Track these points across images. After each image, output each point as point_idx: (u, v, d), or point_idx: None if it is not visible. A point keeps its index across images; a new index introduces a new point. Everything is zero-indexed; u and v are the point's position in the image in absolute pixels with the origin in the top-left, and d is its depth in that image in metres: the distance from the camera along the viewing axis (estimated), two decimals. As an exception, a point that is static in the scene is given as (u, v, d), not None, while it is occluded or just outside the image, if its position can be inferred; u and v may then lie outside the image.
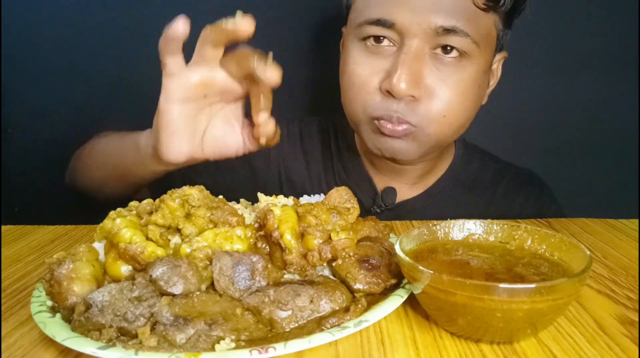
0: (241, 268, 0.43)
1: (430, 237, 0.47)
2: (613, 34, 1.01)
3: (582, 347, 0.39)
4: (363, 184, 0.81)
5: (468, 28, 0.62)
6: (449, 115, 0.66)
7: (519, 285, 0.35)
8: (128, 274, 0.45)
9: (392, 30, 0.64)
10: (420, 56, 0.63)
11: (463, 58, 0.64)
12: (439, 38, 0.62)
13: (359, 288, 0.44)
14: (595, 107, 1.05)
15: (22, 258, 0.60)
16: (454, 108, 0.66)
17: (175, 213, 0.48)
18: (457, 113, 0.67)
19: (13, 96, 1.07)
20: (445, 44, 0.63)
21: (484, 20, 0.64)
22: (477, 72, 0.66)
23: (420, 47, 0.63)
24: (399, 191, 0.80)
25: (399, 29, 0.63)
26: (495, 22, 0.66)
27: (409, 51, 0.63)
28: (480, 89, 0.68)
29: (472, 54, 0.64)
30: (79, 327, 0.38)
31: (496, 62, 0.73)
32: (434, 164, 0.80)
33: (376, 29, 0.65)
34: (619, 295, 0.48)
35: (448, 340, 0.40)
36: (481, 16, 0.63)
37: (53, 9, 1.03)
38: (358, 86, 0.68)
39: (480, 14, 0.63)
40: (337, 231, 0.47)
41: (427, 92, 0.64)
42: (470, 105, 0.68)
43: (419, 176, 0.80)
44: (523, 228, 0.46)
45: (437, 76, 0.64)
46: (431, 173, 0.81)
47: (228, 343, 0.37)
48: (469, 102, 0.67)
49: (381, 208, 0.79)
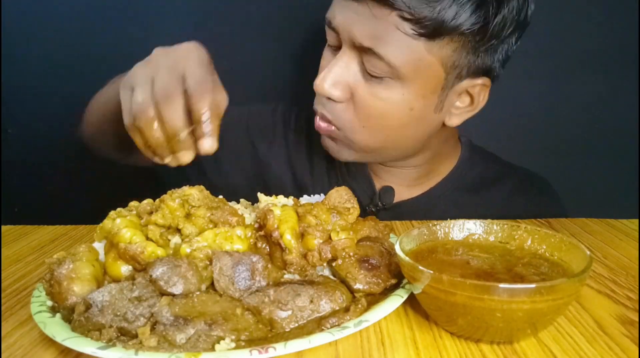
0: (241, 268, 0.43)
1: (430, 237, 0.47)
2: (613, 34, 1.00)
3: (582, 347, 0.39)
4: (362, 182, 0.81)
5: (387, 52, 0.60)
6: (368, 126, 0.67)
7: (519, 285, 0.35)
8: (128, 274, 0.45)
9: (334, 32, 0.65)
10: (350, 64, 0.64)
11: (390, 78, 0.63)
12: (363, 53, 0.63)
13: (359, 288, 0.44)
14: (595, 107, 1.05)
15: (22, 258, 0.60)
16: (375, 122, 0.66)
17: (175, 213, 0.48)
18: (379, 128, 0.67)
19: (13, 96, 1.07)
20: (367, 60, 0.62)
21: (411, 46, 0.60)
22: (407, 95, 0.64)
23: (352, 56, 0.64)
24: (398, 191, 0.79)
25: (337, 33, 0.65)
26: (430, 49, 0.61)
27: (341, 57, 0.65)
28: (415, 113, 0.65)
29: (398, 76, 0.62)
30: (79, 327, 0.38)
31: (477, 87, 0.67)
32: (434, 167, 0.80)
33: (327, 28, 0.67)
34: (619, 295, 0.48)
35: (448, 340, 0.40)
36: (407, 42, 0.60)
37: (53, 9, 1.03)
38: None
39: (408, 39, 0.60)
40: (337, 231, 0.47)
41: (352, 100, 0.66)
42: (400, 124, 0.66)
43: (416, 177, 0.80)
44: (523, 228, 0.46)
45: (363, 87, 0.65)
46: (432, 175, 0.81)
47: (228, 343, 0.37)
48: (395, 121, 0.66)
49: (377, 207, 0.79)
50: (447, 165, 0.81)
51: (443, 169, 0.81)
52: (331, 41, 0.68)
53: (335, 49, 0.68)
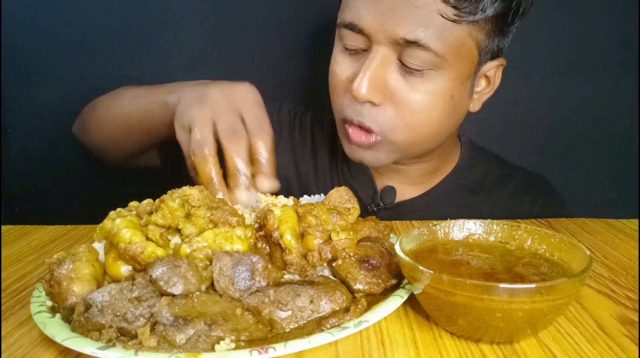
0: (241, 269, 0.43)
1: (430, 237, 0.47)
2: (613, 34, 1.00)
3: (582, 347, 0.39)
4: (364, 182, 0.81)
5: (432, 42, 0.60)
6: (412, 124, 0.65)
7: (519, 285, 0.35)
8: (128, 274, 0.45)
9: (361, 35, 0.64)
10: (385, 63, 0.63)
11: (431, 69, 0.63)
12: (403, 48, 0.61)
13: (359, 288, 0.44)
14: (595, 107, 1.05)
15: (22, 258, 0.60)
16: (418, 118, 0.65)
17: (175, 213, 0.48)
18: (425, 123, 0.66)
19: (13, 96, 1.07)
20: (409, 54, 0.61)
21: (454, 31, 0.61)
22: (448, 83, 0.64)
23: (386, 54, 0.63)
24: (400, 191, 0.79)
25: (366, 35, 0.63)
26: (471, 32, 0.62)
27: (374, 57, 0.63)
28: (455, 99, 0.66)
29: (440, 66, 0.62)
30: (78, 327, 0.38)
31: (492, 69, 0.70)
32: (436, 166, 0.80)
33: (348, 32, 0.65)
34: (619, 295, 0.48)
35: (448, 340, 0.40)
36: (451, 26, 0.61)
37: (53, 10, 1.03)
38: (334, 86, 0.69)
39: (450, 25, 0.60)
40: (337, 232, 0.47)
41: (390, 100, 0.64)
42: (440, 115, 0.66)
43: (419, 176, 0.80)
44: (523, 228, 0.46)
45: (402, 85, 0.64)
46: (433, 174, 0.81)
47: (228, 343, 0.37)
48: (439, 112, 0.66)
49: (378, 206, 0.79)
50: (448, 164, 0.81)
51: (444, 169, 0.81)
52: (353, 44, 0.66)
53: (355, 52, 0.66)
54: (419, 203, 0.80)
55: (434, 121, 0.67)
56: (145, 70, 1.04)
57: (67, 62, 1.05)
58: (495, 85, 0.72)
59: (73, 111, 0.84)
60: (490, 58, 0.68)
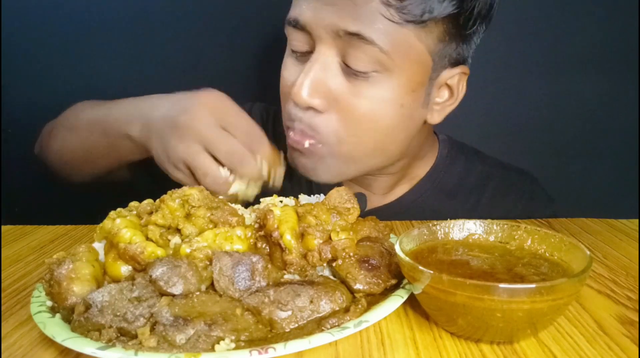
0: (241, 269, 0.43)
1: (430, 237, 0.47)
2: (613, 34, 1.00)
3: (582, 347, 0.39)
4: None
5: (376, 36, 0.56)
6: (357, 133, 0.61)
7: (519, 285, 0.35)
8: (128, 274, 0.45)
9: (304, 33, 0.60)
10: (328, 65, 0.59)
11: (377, 72, 0.58)
12: (346, 45, 0.57)
13: (359, 288, 0.44)
14: (595, 107, 1.05)
15: (22, 258, 0.60)
16: (363, 126, 0.60)
17: (175, 213, 0.48)
18: (368, 132, 0.61)
19: (13, 96, 1.07)
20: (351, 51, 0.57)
21: (401, 33, 0.57)
22: (397, 89, 0.59)
23: (329, 55, 0.59)
24: (370, 197, 0.75)
25: (308, 32, 0.59)
26: (419, 36, 0.58)
27: (317, 59, 0.59)
28: (405, 110, 0.61)
29: (387, 68, 0.58)
30: (78, 327, 0.38)
31: (454, 77, 0.64)
32: (408, 171, 0.75)
33: (292, 31, 0.61)
34: (619, 295, 0.48)
35: (448, 340, 0.40)
36: (396, 28, 0.57)
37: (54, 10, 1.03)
38: (281, 92, 0.65)
39: (395, 25, 0.56)
40: (337, 232, 0.47)
41: (335, 106, 0.60)
42: (389, 125, 0.61)
43: (387, 187, 0.75)
44: (523, 228, 0.46)
45: (347, 89, 0.59)
46: (405, 181, 0.76)
47: (228, 343, 0.37)
48: (386, 121, 0.61)
49: None
50: (423, 168, 0.77)
51: (418, 173, 0.77)
52: (297, 46, 0.61)
53: (301, 55, 0.62)
54: (389, 210, 0.75)
55: (380, 131, 0.62)
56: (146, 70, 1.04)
57: (68, 62, 1.05)
58: (460, 96, 0.66)
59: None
60: (450, 65, 0.63)
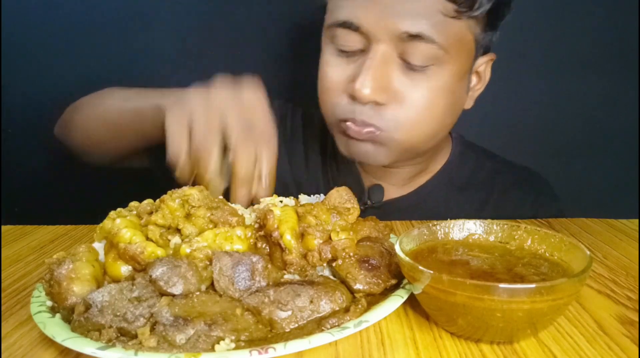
0: (241, 269, 0.43)
1: (430, 237, 0.47)
2: (613, 34, 1.01)
3: (582, 347, 0.39)
4: (351, 180, 0.80)
5: (435, 34, 0.60)
6: (417, 122, 0.64)
7: (519, 285, 0.35)
8: (128, 274, 0.45)
9: (358, 33, 0.62)
10: (386, 61, 0.62)
11: (433, 65, 0.62)
12: (406, 44, 0.60)
13: (359, 288, 0.44)
14: (595, 107, 1.05)
15: (22, 258, 0.60)
16: (424, 115, 0.64)
17: (175, 213, 0.48)
18: (428, 120, 0.65)
19: (13, 96, 1.07)
20: (411, 49, 0.61)
21: (455, 26, 0.61)
22: (450, 78, 0.64)
23: (388, 53, 0.62)
24: (387, 189, 0.78)
25: (364, 33, 0.62)
26: (470, 27, 0.63)
27: (374, 56, 0.62)
28: (455, 96, 0.66)
29: (443, 61, 0.62)
30: (78, 327, 0.38)
31: (482, 65, 0.70)
32: (425, 166, 0.79)
33: (343, 32, 0.63)
34: (619, 295, 0.48)
35: (448, 340, 0.40)
36: (451, 22, 0.61)
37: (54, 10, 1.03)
38: (327, 88, 0.67)
39: (450, 20, 0.61)
40: (337, 232, 0.47)
41: (394, 98, 0.63)
42: (442, 112, 0.66)
43: (408, 178, 0.79)
44: (523, 228, 0.46)
45: (405, 82, 0.63)
46: (422, 174, 0.80)
47: (228, 343, 0.37)
48: (441, 109, 0.65)
49: (365, 205, 0.78)
50: (438, 162, 0.81)
51: (434, 167, 0.81)
52: (348, 46, 0.64)
53: (351, 53, 0.65)
54: (406, 201, 0.79)
55: (436, 118, 0.66)
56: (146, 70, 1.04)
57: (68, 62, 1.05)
58: (486, 80, 0.72)
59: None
60: (483, 53, 0.68)
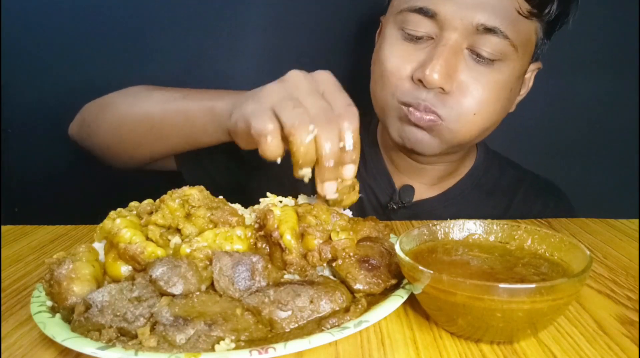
0: (241, 269, 0.43)
1: (430, 237, 0.47)
2: (613, 34, 1.01)
3: (582, 347, 0.39)
4: (381, 180, 0.81)
5: (508, 30, 0.62)
6: (478, 114, 0.66)
7: (519, 285, 0.35)
8: (128, 274, 0.45)
9: (433, 20, 0.64)
10: (457, 51, 0.64)
11: (499, 60, 0.64)
12: (479, 36, 0.63)
13: (359, 288, 0.44)
14: (595, 107, 1.05)
15: (22, 258, 0.60)
16: (484, 108, 0.66)
17: (175, 213, 0.48)
18: (485, 114, 0.67)
19: (13, 96, 1.07)
20: (483, 42, 0.63)
21: (525, 26, 0.64)
22: (512, 76, 0.66)
23: (459, 42, 0.64)
24: (417, 190, 0.80)
25: (439, 21, 0.64)
26: (536, 30, 0.66)
27: (447, 44, 0.63)
28: (511, 94, 0.69)
29: (510, 57, 0.64)
30: (78, 327, 0.38)
31: (530, 72, 0.73)
32: (455, 167, 0.81)
33: (417, 18, 0.65)
34: (619, 295, 0.48)
35: (448, 340, 0.40)
36: (523, 21, 0.64)
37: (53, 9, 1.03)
38: (390, 72, 0.68)
39: (522, 19, 0.63)
40: (337, 232, 0.47)
41: (459, 88, 0.65)
42: (499, 108, 0.68)
43: (439, 177, 0.80)
44: (523, 228, 0.46)
45: (471, 74, 0.65)
46: (451, 176, 0.81)
47: (228, 343, 0.37)
48: (499, 105, 0.68)
49: (398, 205, 0.79)
50: (465, 166, 0.82)
51: (461, 170, 0.82)
52: (421, 31, 0.66)
53: (417, 39, 0.66)
54: (436, 202, 0.80)
55: (495, 113, 0.68)
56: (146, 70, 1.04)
57: (67, 62, 1.05)
58: (529, 87, 0.75)
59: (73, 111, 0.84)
60: (534, 60, 0.71)
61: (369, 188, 0.81)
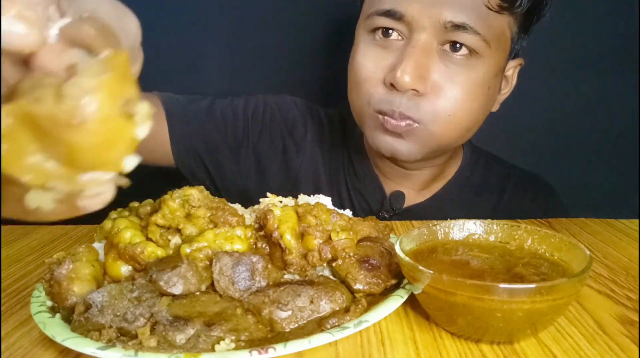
0: (241, 269, 0.43)
1: (430, 237, 0.47)
2: (613, 34, 1.00)
3: (582, 347, 0.39)
4: (372, 188, 0.79)
5: (478, 26, 0.61)
6: (454, 114, 0.64)
7: (519, 285, 0.35)
8: (128, 274, 0.45)
9: (401, 22, 0.63)
10: (427, 51, 0.62)
11: (472, 57, 0.63)
12: (448, 34, 0.61)
13: (359, 288, 0.44)
14: (595, 107, 1.05)
15: (22, 258, 0.60)
16: (460, 108, 0.64)
17: (176, 213, 0.48)
18: (463, 114, 0.65)
19: (13, 96, 1.07)
20: (453, 40, 0.62)
21: (496, 21, 0.63)
22: (487, 73, 0.65)
23: (429, 42, 0.62)
24: (407, 196, 0.79)
25: (407, 22, 0.62)
26: (509, 24, 0.65)
27: (416, 45, 0.62)
28: (489, 92, 0.67)
29: (482, 54, 0.63)
30: (78, 327, 0.38)
31: (511, 69, 0.71)
32: (442, 169, 0.80)
33: (385, 21, 0.64)
34: (619, 295, 0.48)
35: (448, 340, 0.40)
36: (494, 16, 0.62)
37: (53, 9, 1.03)
38: (364, 79, 0.67)
39: (493, 14, 0.62)
40: (337, 232, 0.47)
41: (433, 89, 0.63)
42: (477, 107, 0.66)
43: (426, 181, 0.79)
44: (523, 228, 0.46)
45: (444, 73, 0.63)
46: (439, 178, 0.80)
47: (228, 343, 0.37)
48: (477, 104, 0.66)
49: (389, 212, 0.78)
50: (452, 167, 0.81)
51: (449, 171, 0.81)
52: (391, 34, 0.65)
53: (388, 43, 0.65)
54: (426, 207, 0.79)
55: (472, 112, 0.66)
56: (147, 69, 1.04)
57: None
58: (512, 85, 0.74)
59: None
60: (514, 56, 0.70)
61: (360, 195, 0.80)
